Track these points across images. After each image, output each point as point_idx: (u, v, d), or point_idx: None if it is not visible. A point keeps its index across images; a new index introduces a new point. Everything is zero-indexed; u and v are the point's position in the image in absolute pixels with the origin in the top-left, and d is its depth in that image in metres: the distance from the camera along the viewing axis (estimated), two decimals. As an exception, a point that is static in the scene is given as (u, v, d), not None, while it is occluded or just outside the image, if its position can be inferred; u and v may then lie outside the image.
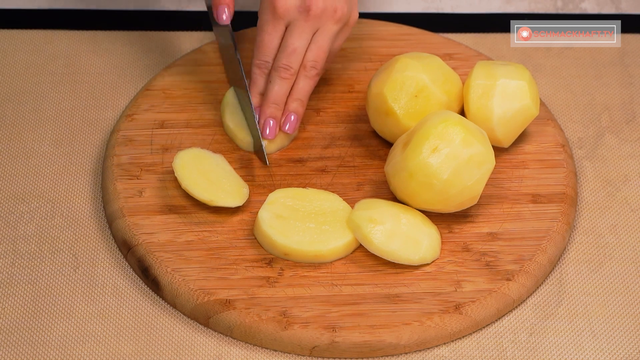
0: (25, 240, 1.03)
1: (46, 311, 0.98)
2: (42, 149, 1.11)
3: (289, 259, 1.00)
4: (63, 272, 1.01)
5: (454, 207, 1.01)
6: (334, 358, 0.96)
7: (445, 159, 0.98)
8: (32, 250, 1.03)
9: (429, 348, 0.97)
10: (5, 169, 1.09)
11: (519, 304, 1.00)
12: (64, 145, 1.12)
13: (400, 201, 1.03)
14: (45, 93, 1.17)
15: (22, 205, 1.06)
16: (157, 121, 1.12)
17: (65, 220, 1.05)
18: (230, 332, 0.97)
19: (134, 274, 1.01)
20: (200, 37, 1.24)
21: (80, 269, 1.01)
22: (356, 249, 1.01)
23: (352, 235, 1.00)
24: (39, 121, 1.14)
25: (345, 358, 0.96)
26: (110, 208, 1.04)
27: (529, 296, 1.01)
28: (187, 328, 0.98)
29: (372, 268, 1.00)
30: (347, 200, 1.04)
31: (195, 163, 1.04)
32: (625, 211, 1.08)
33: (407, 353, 0.96)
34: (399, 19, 1.25)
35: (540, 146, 1.11)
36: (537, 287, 1.01)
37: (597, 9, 1.29)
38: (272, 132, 1.08)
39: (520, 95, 1.06)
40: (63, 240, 1.04)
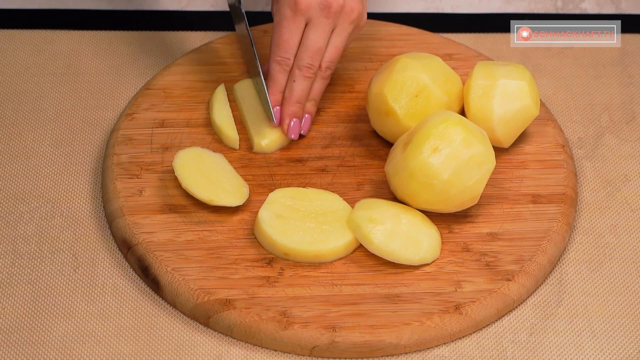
0: (25, 240, 1.03)
1: (46, 311, 0.98)
2: (42, 149, 1.11)
3: (289, 259, 1.00)
4: (63, 272, 1.01)
5: (454, 207, 1.01)
6: (334, 358, 0.96)
7: (445, 159, 0.98)
8: (32, 250, 1.03)
9: (429, 348, 0.97)
10: (5, 169, 1.09)
11: (519, 304, 1.00)
12: (64, 145, 1.12)
13: (401, 201, 1.03)
14: (45, 93, 1.17)
15: (22, 205, 1.06)
16: (157, 120, 1.12)
17: (65, 220, 1.05)
18: (230, 332, 0.97)
19: (133, 273, 1.01)
20: (200, 37, 1.24)
21: (80, 269, 1.01)
22: (356, 248, 1.01)
23: (352, 235, 1.00)
24: (39, 121, 1.14)
25: (345, 358, 0.96)
26: (110, 207, 1.04)
27: (529, 296, 1.01)
28: (187, 328, 0.98)
29: (372, 268, 1.00)
30: (347, 200, 1.04)
31: (195, 162, 1.04)
32: (625, 211, 1.08)
33: (407, 353, 0.96)
34: (399, 19, 1.25)
35: (541, 146, 1.11)
36: (537, 287, 1.01)
37: (597, 9, 1.29)
38: (296, 132, 1.09)
39: (521, 96, 1.06)
40: (63, 240, 1.04)
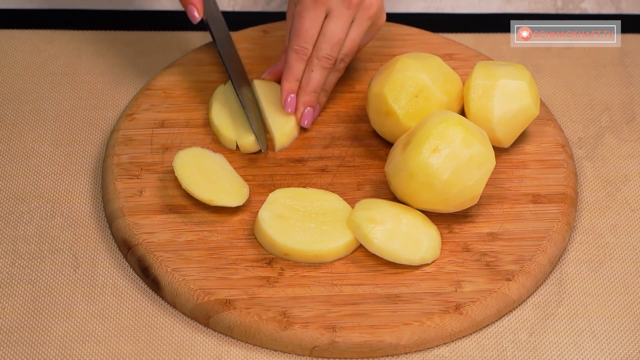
0: (25, 240, 1.03)
1: (46, 311, 0.98)
2: (42, 149, 1.11)
3: (289, 259, 1.00)
4: (63, 272, 1.01)
5: (454, 207, 1.01)
6: (334, 358, 0.96)
7: (445, 159, 0.98)
8: (32, 250, 1.03)
9: (429, 348, 0.97)
10: (5, 169, 1.09)
11: (519, 304, 1.00)
12: (64, 145, 1.12)
13: (401, 201, 1.03)
14: (45, 93, 1.17)
15: (22, 205, 1.06)
16: (157, 121, 1.12)
17: (65, 220, 1.05)
18: (230, 332, 0.97)
19: (134, 273, 1.01)
20: (200, 37, 1.24)
21: (80, 269, 1.01)
22: (356, 249, 1.01)
23: (352, 235, 1.00)
24: (39, 121, 1.14)
25: (346, 358, 0.96)
26: (110, 208, 1.04)
27: (529, 296, 1.01)
28: (187, 328, 0.98)
29: (372, 268, 1.00)
30: (348, 200, 1.04)
31: (195, 162, 1.04)
32: (625, 211, 1.08)
33: (407, 353, 0.96)
34: (399, 19, 1.25)
35: (541, 146, 1.10)
36: (537, 287, 1.01)
37: (597, 9, 1.29)
38: (309, 121, 1.10)
39: (521, 96, 1.06)
40: (63, 240, 1.04)
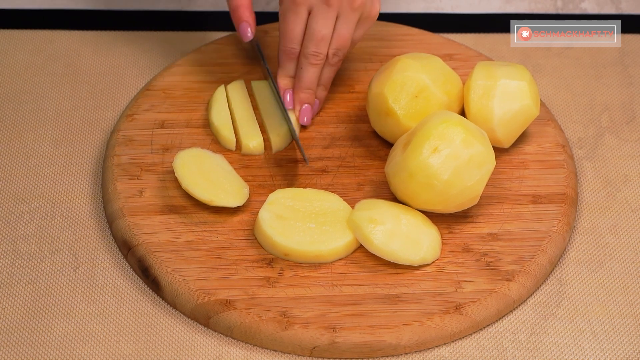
0: (25, 240, 1.03)
1: (46, 311, 0.98)
2: (42, 149, 1.11)
3: (289, 259, 1.00)
4: (63, 272, 1.01)
5: (455, 208, 1.01)
6: (334, 358, 0.96)
7: (445, 160, 0.98)
8: (32, 250, 1.03)
9: (429, 348, 0.97)
10: (5, 169, 1.09)
11: (519, 304, 1.00)
12: (64, 145, 1.12)
13: (401, 201, 1.03)
14: (45, 93, 1.17)
15: (22, 205, 1.06)
16: (158, 121, 1.11)
17: (65, 220, 1.05)
18: (230, 333, 0.97)
19: (134, 274, 1.01)
20: (200, 37, 1.24)
21: (80, 269, 1.01)
22: (356, 249, 1.01)
23: (353, 236, 1.00)
24: (39, 121, 1.14)
25: (346, 358, 0.96)
26: (110, 208, 1.04)
27: (529, 296, 1.01)
28: (187, 328, 0.98)
29: (372, 268, 1.00)
30: (348, 200, 1.04)
31: (195, 163, 1.04)
32: (626, 211, 1.08)
33: (407, 353, 0.96)
34: (399, 19, 1.25)
35: (541, 147, 1.10)
36: (537, 288, 1.01)
37: (597, 9, 1.29)
38: (308, 118, 1.11)
39: (521, 96, 1.06)
40: (63, 240, 1.04)
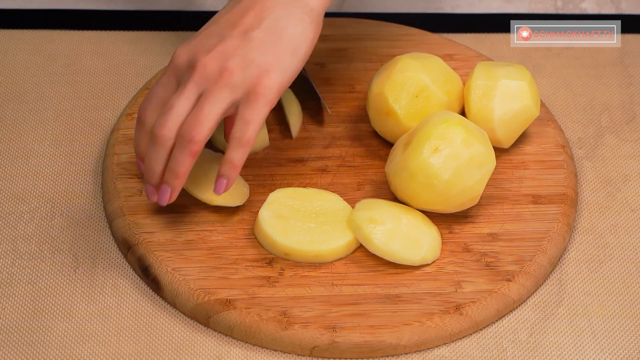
0: (25, 240, 1.03)
1: (46, 311, 0.98)
2: (42, 149, 1.11)
3: (289, 259, 1.00)
4: (63, 272, 1.01)
5: (455, 208, 1.01)
6: (334, 358, 0.96)
7: (446, 160, 0.98)
8: (32, 250, 1.03)
9: (429, 348, 0.97)
10: (5, 169, 1.09)
11: (519, 305, 1.00)
12: (64, 145, 1.12)
13: (401, 201, 1.03)
14: (45, 93, 1.17)
15: (22, 205, 1.06)
16: (157, 121, 1.11)
17: (65, 220, 1.05)
18: (230, 332, 0.97)
19: (134, 273, 1.01)
20: (200, 37, 1.24)
21: (80, 269, 1.01)
22: (356, 249, 1.01)
23: (353, 235, 1.00)
24: (39, 121, 1.14)
25: (346, 358, 0.96)
26: (110, 207, 1.04)
27: (529, 296, 1.01)
28: (187, 328, 0.98)
29: (372, 268, 1.00)
30: (348, 200, 1.04)
31: (195, 162, 1.04)
32: (625, 211, 1.08)
33: (407, 353, 0.96)
34: (399, 19, 1.25)
35: (541, 147, 1.11)
36: (537, 288, 1.01)
37: (597, 9, 1.29)
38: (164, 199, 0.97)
39: (521, 96, 1.06)
40: (63, 240, 1.04)
